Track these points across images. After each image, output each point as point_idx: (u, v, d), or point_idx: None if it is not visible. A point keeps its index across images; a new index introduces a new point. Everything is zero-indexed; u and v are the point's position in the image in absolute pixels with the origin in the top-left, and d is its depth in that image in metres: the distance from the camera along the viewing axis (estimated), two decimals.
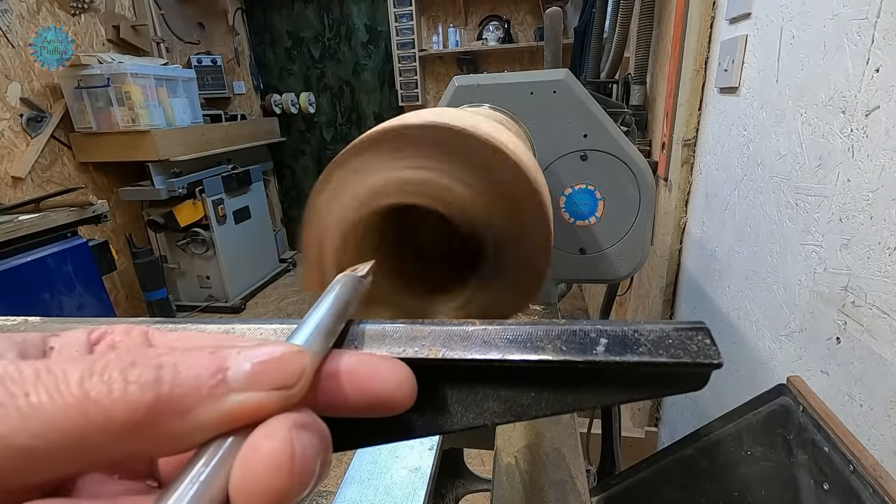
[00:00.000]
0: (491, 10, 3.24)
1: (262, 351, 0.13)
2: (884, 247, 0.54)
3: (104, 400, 0.11)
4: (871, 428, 0.56)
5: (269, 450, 0.11)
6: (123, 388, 0.11)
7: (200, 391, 0.12)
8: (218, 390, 0.12)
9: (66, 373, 0.11)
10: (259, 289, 3.18)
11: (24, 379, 0.11)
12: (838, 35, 0.62)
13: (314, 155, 3.81)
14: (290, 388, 0.12)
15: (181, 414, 0.11)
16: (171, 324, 0.18)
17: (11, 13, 2.08)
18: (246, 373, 0.12)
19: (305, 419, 0.12)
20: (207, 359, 0.12)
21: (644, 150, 1.42)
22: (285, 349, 0.13)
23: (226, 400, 0.12)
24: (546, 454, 0.52)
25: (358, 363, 0.15)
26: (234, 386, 0.12)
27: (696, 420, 1.11)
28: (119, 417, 0.11)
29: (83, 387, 0.11)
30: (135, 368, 0.11)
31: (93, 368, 0.11)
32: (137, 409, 0.11)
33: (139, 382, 0.11)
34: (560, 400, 0.16)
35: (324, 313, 0.16)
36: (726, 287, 0.97)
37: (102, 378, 0.11)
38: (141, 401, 0.11)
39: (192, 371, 0.12)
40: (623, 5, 1.43)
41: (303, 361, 0.13)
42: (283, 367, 0.12)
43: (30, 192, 2.15)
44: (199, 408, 0.11)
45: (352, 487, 0.61)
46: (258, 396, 0.12)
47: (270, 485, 0.11)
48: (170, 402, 0.11)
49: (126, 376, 0.11)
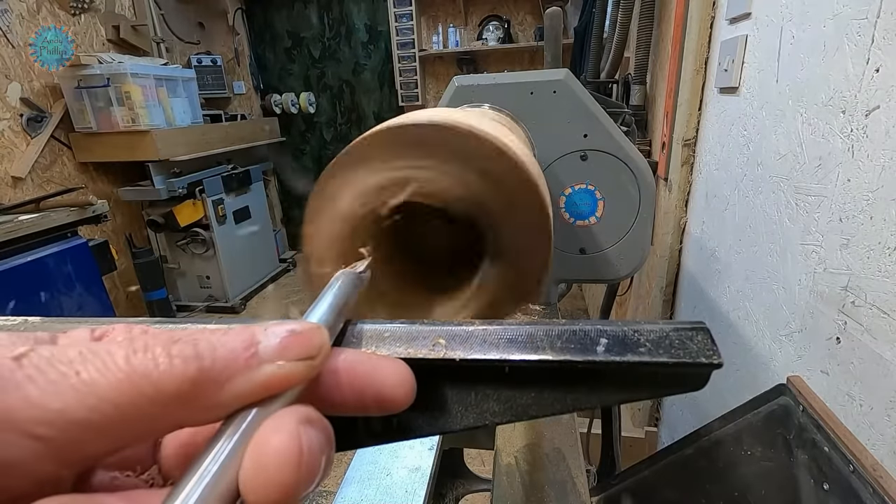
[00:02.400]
0: (491, 10, 3.24)
1: (286, 327, 0.14)
2: (884, 247, 0.54)
3: (153, 374, 0.11)
4: (871, 428, 0.56)
5: (278, 444, 0.12)
6: (169, 362, 0.12)
7: (237, 363, 0.13)
8: (253, 361, 0.13)
9: (111, 352, 0.12)
10: (259, 289, 3.18)
11: (72, 359, 0.11)
12: (838, 35, 0.62)
13: (314, 155, 3.81)
14: (314, 358, 0.14)
15: (221, 384, 0.12)
16: (171, 324, 0.18)
17: (11, 13, 2.08)
18: (275, 345, 0.13)
19: (311, 414, 0.13)
20: (240, 334, 0.13)
21: (644, 150, 1.42)
22: (306, 325, 0.14)
23: (260, 370, 0.13)
24: (546, 454, 0.52)
25: (357, 361, 0.15)
26: (266, 357, 0.13)
27: (696, 420, 1.11)
28: (168, 389, 0.11)
29: (130, 363, 0.11)
30: (175, 345, 0.12)
31: (135, 346, 0.12)
32: (184, 380, 0.12)
33: (182, 356, 0.12)
34: (560, 400, 0.16)
35: (325, 308, 0.16)
36: (726, 287, 0.97)
37: (146, 355, 0.12)
38: (186, 373, 0.12)
39: (227, 345, 0.13)
40: (623, 5, 1.43)
41: (322, 335, 0.14)
42: (306, 341, 0.14)
43: (30, 192, 2.15)
44: (237, 378, 0.12)
45: (352, 487, 0.61)
46: (288, 366, 0.13)
47: (279, 478, 0.11)
48: (211, 374, 0.12)
49: (169, 351, 0.12)
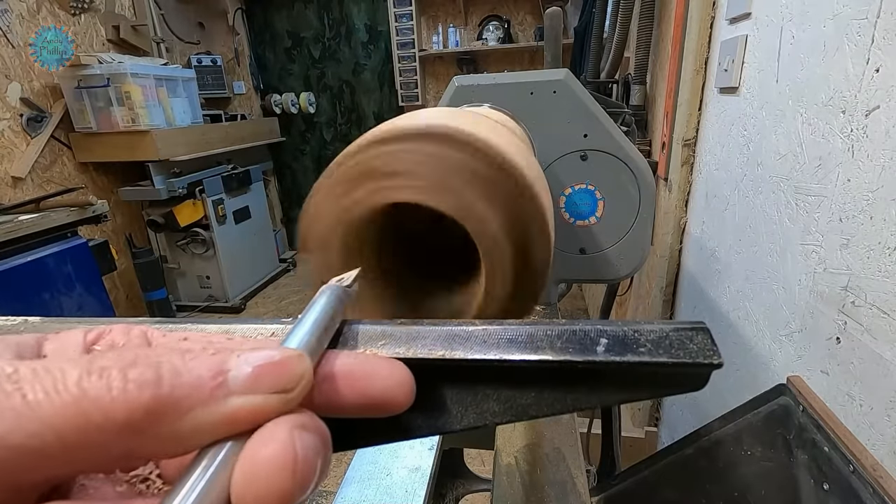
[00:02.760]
0: (491, 10, 3.24)
1: (262, 354, 0.13)
2: (884, 247, 0.54)
3: (103, 399, 0.11)
4: (871, 428, 0.56)
5: (272, 451, 0.11)
6: (123, 386, 0.11)
7: (201, 392, 0.11)
8: (219, 392, 0.12)
9: (65, 371, 0.11)
10: (259, 289, 3.18)
11: (21, 378, 0.11)
12: (838, 35, 0.62)
13: (314, 155, 3.81)
14: (290, 391, 0.12)
15: (181, 415, 0.11)
16: (171, 324, 0.18)
17: (11, 13, 2.08)
18: (247, 375, 0.12)
19: (305, 420, 0.12)
20: (208, 360, 0.12)
21: (644, 150, 1.42)
22: (285, 353, 0.13)
23: (226, 402, 0.12)
24: (546, 454, 0.52)
25: (355, 364, 0.14)
26: (235, 388, 0.12)
27: (696, 420, 1.11)
28: (118, 417, 0.11)
29: (81, 385, 0.11)
30: (135, 368, 0.11)
31: (91, 367, 0.11)
32: (136, 408, 0.11)
33: (139, 381, 0.11)
34: (560, 400, 0.16)
35: (308, 327, 0.15)
36: (726, 287, 0.97)
37: (101, 377, 0.11)
38: (140, 400, 0.11)
39: (192, 372, 0.12)
40: (623, 5, 1.43)
41: (303, 365, 0.13)
42: (282, 371, 0.12)
43: (30, 192, 2.15)
44: (199, 409, 0.11)
45: (352, 487, 0.61)
46: (258, 399, 0.12)
47: (273, 486, 0.11)
48: (169, 403, 0.11)
49: (126, 375, 0.11)
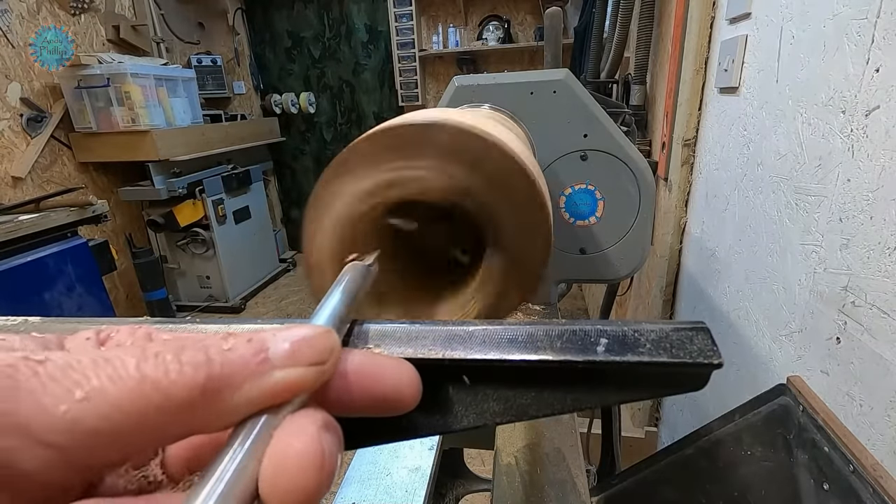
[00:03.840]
0: (491, 10, 3.24)
1: (296, 332, 0.14)
2: (884, 247, 0.54)
3: (162, 381, 0.11)
4: (871, 428, 0.56)
5: (301, 448, 0.12)
6: (179, 369, 0.12)
7: (247, 369, 0.12)
8: (263, 367, 0.13)
9: (122, 359, 0.12)
10: (259, 289, 3.18)
11: (85, 366, 0.11)
12: (838, 35, 0.62)
13: (314, 155, 3.81)
14: (324, 363, 0.13)
15: (232, 391, 0.12)
16: (172, 324, 0.18)
17: (11, 13, 2.08)
18: (286, 351, 0.13)
19: (329, 419, 0.13)
20: (249, 340, 0.13)
21: (644, 150, 1.42)
22: (315, 330, 0.14)
23: (270, 376, 0.13)
24: (546, 454, 0.52)
25: (366, 363, 0.15)
26: (276, 363, 0.13)
27: (696, 420, 1.11)
28: (178, 396, 0.11)
29: (141, 370, 0.11)
30: (186, 351, 0.12)
31: (146, 353, 0.12)
32: (193, 388, 0.12)
33: (192, 363, 0.12)
34: (560, 400, 0.16)
35: (337, 301, 0.17)
36: (726, 287, 0.97)
37: (157, 361, 0.12)
38: (196, 380, 0.12)
39: (237, 352, 0.13)
40: (623, 5, 1.43)
41: (332, 339, 0.14)
42: (316, 345, 0.14)
43: (30, 192, 2.15)
44: (247, 384, 0.12)
45: (352, 487, 0.61)
46: (298, 372, 0.13)
47: (301, 483, 0.11)
48: (221, 380, 0.12)
49: (179, 358, 0.12)
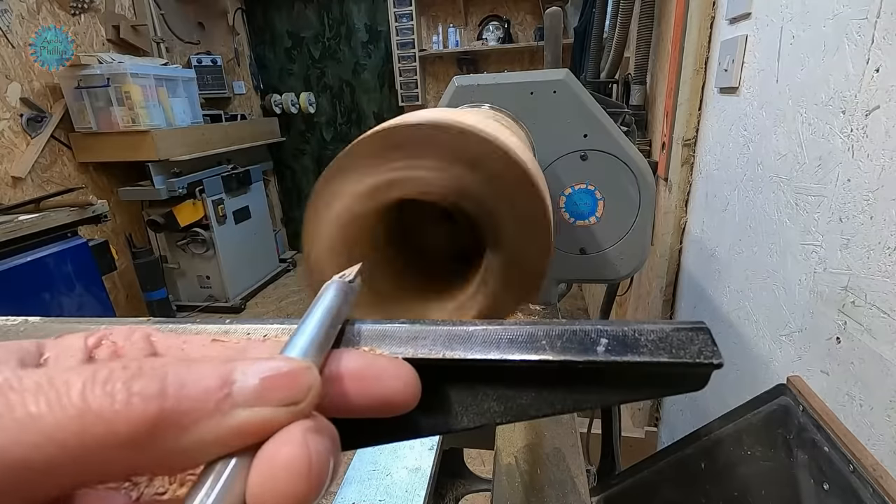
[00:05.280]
0: (491, 10, 3.24)
1: (269, 365, 0.12)
2: (884, 247, 0.54)
3: (106, 412, 0.10)
4: (871, 428, 0.56)
5: (287, 455, 0.11)
6: (126, 399, 0.11)
7: (206, 405, 0.11)
8: (225, 404, 0.11)
9: (69, 383, 0.11)
10: (259, 289, 3.18)
11: (25, 389, 0.10)
12: (838, 35, 0.62)
13: (314, 155, 3.81)
14: (299, 403, 0.12)
15: (186, 428, 0.11)
16: (172, 324, 0.18)
17: (11, 13, 2.08)
18: (254, 387, 0.12)
19: (317, 423, 0.12)
20: (214, 371, 0.12)
21: (644, 150, 1.42)
22: (291, 364, 0.13)
23: (233, 415, 0.11)
24: (546, 454, 0.52)
25: (362, 364, 0.14)
26: (241, 401, 0.11)
27: (696, 420, 1.11)
28: (121, 431, 0.10)
29: (85, 397, 0.10)
30: (139, 379, 0.11)
31: (95, 378, 0.11)
32: (141, 422, 0.10)
33: (143, 394, 0.11)
34: (560, 400, 0.16)
35: (317, 323, 0.16)
36: (726, 287, 0.97)
37: (105, 389, 0.11)
38: (144, 413, 0.10)
39: (198, 384, 0.11)
40: (623, 5, 1.43)
41: (312, 377, 0.13)
42: (291, 383, 0.12)
43: (30, 192, 2.14)
44: (205, 422, 0.11)
45: (352, 487, 0.61)
46: (266, 412, 0.12)
47: (289, 490, 0.11)
48: (174, 416, 0.11)
49: (129, 387, 0.11)
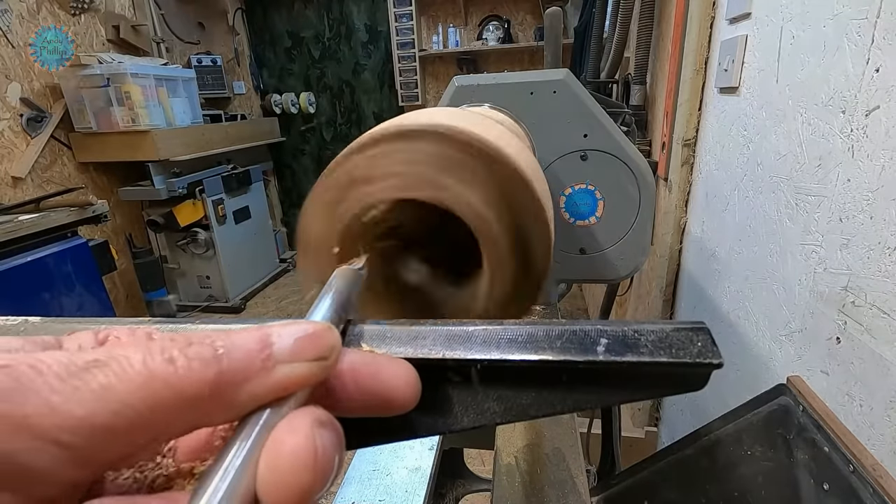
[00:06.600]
0: (491, 10, 3.24)
1: (299, 328, 0.14)
2: (884, 247, 0.54)
3: (171, 377, 0.11)
4: (871, 428, 0.56)
5: (294, 446, 0.12)
6: (187, 365, 0.12)
7: (254, 364, 0.13)
8: (268, 362, 0.13)
9: (128, 357, 0.12)
10: (259, 289, 3.18)
11: (90, 364, 0.11)
12: (838, 35, 0.62)
13: (314, 155, 3.81)
14: (327, 358, 0.14)
15: (238, 386, 0.12)
16: (172, 324, 0.18)
17: (11, 13, 2.08)
18: (290, 346, 0.13)
19: (324, 416, 0.13)
20: (253, 336, 0.13)
21: (644, 150, 1.41)
22: (317, 326, 0.14)
23: (275, 371, 0.13)
24: (546, 454, 0.52)
25: (363, 363, 0.15)
26: (281, 358, 0.13)
27: (696, 420, 1.11)
28: (187, 392, 0.12)
29: (148, 366, 0.11)
30: (192, 346, 0.12)
31: (151, 350, 0.12)
32: (202, 383, 0.12)
33: (200, 359, 0.12)
34: (560, 400, 0.16)
35: (328, 307, 0.17)
36: (726, 287, 0.97)
37: (164, 356, 0.12)
38: (204, 376, 0.12)
39: (243, 347, 0.13)
40: (623, 5, 1.43)
41: (334, 336, 0.14)
42: (319, 341, 0.14)
43: (30, 192, 2.15)
44: (253, 379, 0.13)
45: (352, 487, 0.61)
46: (302, 367, 0.13)
47: (295, 480, 0.11)
48: (229, 376, 0.12)
49: (186, 354, 0.12)
